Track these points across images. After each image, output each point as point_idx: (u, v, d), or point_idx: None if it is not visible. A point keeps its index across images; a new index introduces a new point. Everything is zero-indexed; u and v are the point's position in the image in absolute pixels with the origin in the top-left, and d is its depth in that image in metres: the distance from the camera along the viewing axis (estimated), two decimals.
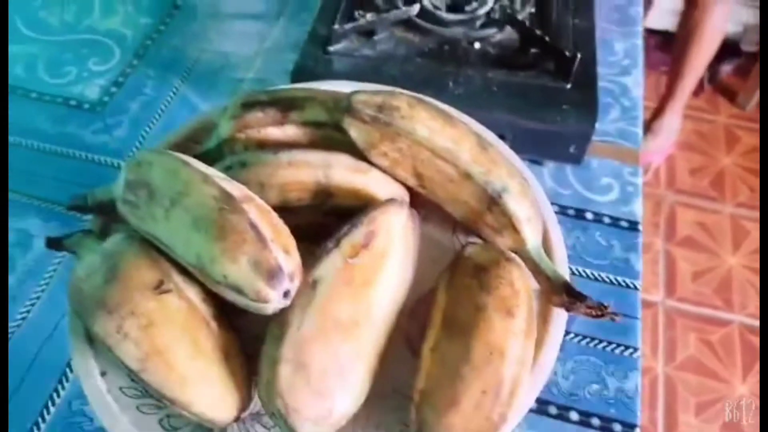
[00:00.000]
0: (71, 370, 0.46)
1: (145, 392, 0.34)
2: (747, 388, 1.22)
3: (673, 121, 1.32)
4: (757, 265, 1.39)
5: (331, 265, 0.32)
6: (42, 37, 0.70)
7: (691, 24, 1.19)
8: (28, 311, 0.49)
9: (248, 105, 0.41)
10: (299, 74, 0.55)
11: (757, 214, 1.47)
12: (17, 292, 0.50)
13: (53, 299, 0.50)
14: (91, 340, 0.36)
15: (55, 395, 0.45)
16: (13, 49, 0.68)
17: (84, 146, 0.60)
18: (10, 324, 0.49)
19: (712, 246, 1.43)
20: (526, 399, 0.33)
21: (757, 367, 1.25)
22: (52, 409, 0.45)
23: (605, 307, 0.35)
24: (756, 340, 1.28)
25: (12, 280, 0.51)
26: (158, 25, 0.71)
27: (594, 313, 0.35)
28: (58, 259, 0.52)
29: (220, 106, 0.45)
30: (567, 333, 0.50)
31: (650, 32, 1.68)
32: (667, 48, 1.74)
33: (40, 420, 0.44)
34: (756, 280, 1.36)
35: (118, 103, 0.63)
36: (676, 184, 1.54)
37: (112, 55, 0.68)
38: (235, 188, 0.33)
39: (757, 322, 1.30)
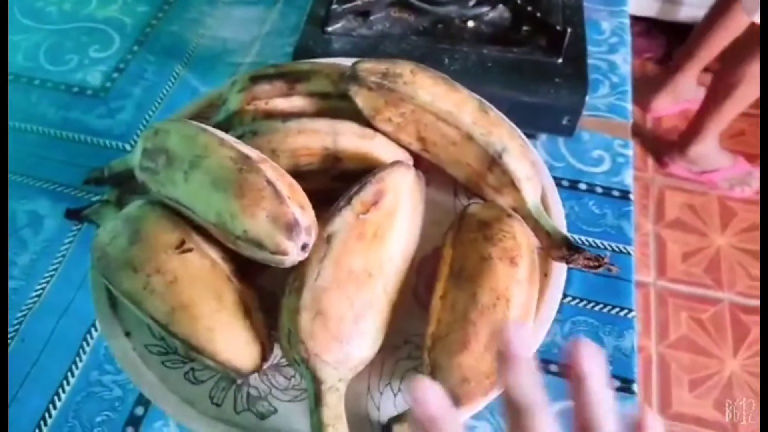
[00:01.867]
0: (88, 344, 0.48)
1: (169, 349, 0.36)
2: (738, 364, 1.25)
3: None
4: (744, 245, 1.42)
5: (343, 221, 0.34)
6: (41, 26, 0.71)
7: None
8: (42, 289, 0.51)
9: (256, 78, 0.43)
10: (299, 54, 0.57)
11: (743, 196, 1.51)
12: (31, 271, 0.52)
13: (67, 276, 0.51)
14: (114, 304, 0.38)
15: (74, 367, 0.47)
16: (12, 38, 0.69)
17: (89, 130, 0.61)
18: (27, 302, 0.50)
19: (701, 227, 1.46)
20: (532, 343, 0.35)
21: (747, 342, 1.28)
22: (71, 380, 0.46)
23: (602, 258, 0.37)
24: (745, 318, 1.31)
25: (25, 259, 0.52)
26: (156, 13, 0.72)
27: (592, 264, 0.38)
28: (69, 238, 0.53)
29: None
30: (565, 296, 0.51)
31: (634, 19, 1.70)
32: (651, 35, 1.77)
33: (60, 391, 0.45)
34: (744, 258, 1.40)
35: (121, 89, 0.65)
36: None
37: (112, 42, 0.69)
38: (251, 150, 0.34)
39: (745, 300, 1.33)
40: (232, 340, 0.33)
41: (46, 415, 0.44)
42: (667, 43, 1.76)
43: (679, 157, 1.48)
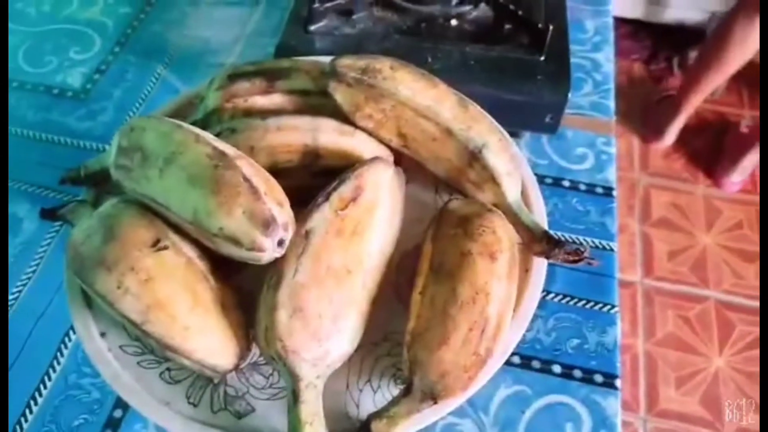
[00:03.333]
0: (66, 347, 0.47)
1: (144, 349, 0.35)
2: (723, 361, 1.26)
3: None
4: (730, 243, 1.43)
5: (322, 217, 0.34)
6: (20, 27, 0.70)
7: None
8: (20, 291, 0.50)
9: (234, 76, 0.43)
10: (281, 53, 0.56)
11: (728, 194, 1.52)
12: (9, 273, 0.51)
13: (44, 279, 0.50)
14: (90, 304, 0.37)
15: (51, 370, 0.46)
16: None
17: (69, 132, 0.60)
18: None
19: (687, 226, 1.47)
20: (511, 337, 0.35)
21: (732, 339, 1.29)
22: (48, 383, 0.45)
23: (581, 252, 0.37)
24: (731, 315, 1.32)
25: None
26: (138, 14, 0.72)
27: (572, 258, 0.38)
28: (47, 240, 0.53)
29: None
30: (548, 292, 0.52)
31: (620, 21, 1.72)
32: (637, 37, 1.78)
33: (36, 394, 0.45)
34: (729, 257, 1.41)
35: (102, 90, 0.64)
36: (649, 167, 1.58)
37: (93, 44, 0.68)
38: (227, 147, 0.34)
39: (731, 298, 1.34)
40: (208, 339, 0.32)
41: (22, 420, 0.44)
42: (653, 44, 1.78)
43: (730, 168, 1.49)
